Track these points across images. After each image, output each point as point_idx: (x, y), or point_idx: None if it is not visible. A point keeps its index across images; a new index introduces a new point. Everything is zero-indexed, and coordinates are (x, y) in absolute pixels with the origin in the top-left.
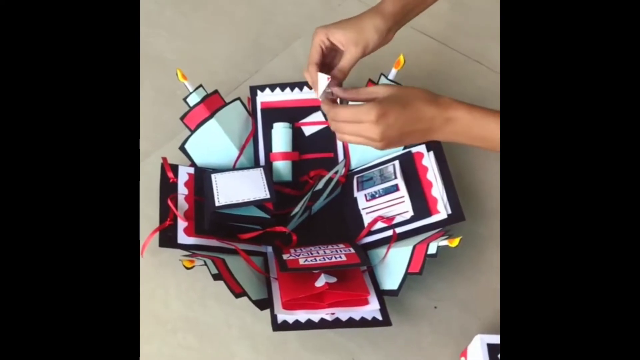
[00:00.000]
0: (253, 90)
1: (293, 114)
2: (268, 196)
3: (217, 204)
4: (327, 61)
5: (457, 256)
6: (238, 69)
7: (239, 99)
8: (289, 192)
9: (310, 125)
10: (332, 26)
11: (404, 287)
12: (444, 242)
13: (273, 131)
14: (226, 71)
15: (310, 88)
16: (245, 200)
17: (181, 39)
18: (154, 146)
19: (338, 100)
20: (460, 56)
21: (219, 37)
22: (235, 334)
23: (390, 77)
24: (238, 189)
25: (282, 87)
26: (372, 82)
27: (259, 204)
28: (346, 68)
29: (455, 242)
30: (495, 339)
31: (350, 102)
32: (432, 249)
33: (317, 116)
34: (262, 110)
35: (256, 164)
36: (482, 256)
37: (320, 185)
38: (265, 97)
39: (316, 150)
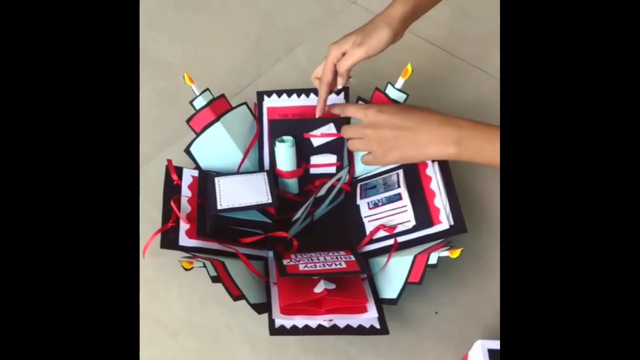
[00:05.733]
0: (260, 96)
1: (299, 123)
2: (270, 201)
3: (219, 207)
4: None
5: (457, 263)
6: (240, 73)
7: (245, 103)
8: (292, 197)
9: (319, 137)
10: (342, 40)
11: (405, 292)
12: (445, 253)
13: (276, 149)
14: (228, 75)
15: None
16: (247, 205)
17: (183, 42)
18: (157, 149)
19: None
20: (461, 63)
21: (221, 41)
22: (236, 337)
23: (398, 86)
24: (240, 192)
25: (289, 93)
26: (379, 91)
27: (260, 208)
28: (346, 69)
29: (456, 254)
30: (496, 344)
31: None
32: (433, 259)
33: (326, 129)
34: (269, 115)
35: (260, 169)
36: (483, 262)
37: (322, 192)
38: (271, 102)
39: (324, 162)
